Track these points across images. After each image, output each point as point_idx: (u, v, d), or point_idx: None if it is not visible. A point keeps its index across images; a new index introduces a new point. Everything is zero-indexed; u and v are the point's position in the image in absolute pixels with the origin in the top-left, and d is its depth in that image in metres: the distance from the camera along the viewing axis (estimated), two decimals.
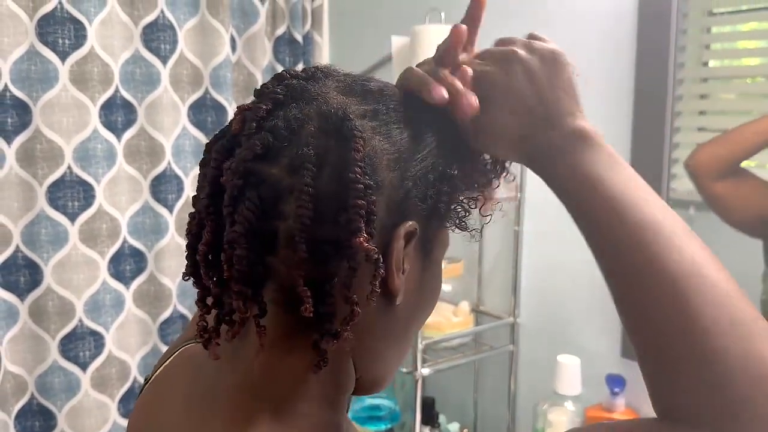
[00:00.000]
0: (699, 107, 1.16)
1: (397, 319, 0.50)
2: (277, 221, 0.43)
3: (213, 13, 1.53)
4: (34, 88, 1.32)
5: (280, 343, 0.46)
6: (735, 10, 1.11)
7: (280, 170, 0.43)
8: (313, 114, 0.45)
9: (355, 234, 0.42)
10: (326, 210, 0.43)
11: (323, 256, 0.43)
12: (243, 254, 0.43)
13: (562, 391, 1.25)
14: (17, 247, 1.34)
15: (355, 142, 0.43)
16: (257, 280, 0.44)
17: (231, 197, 0.43)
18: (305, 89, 0.46)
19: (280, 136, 0.44)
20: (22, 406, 1.38)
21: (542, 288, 1.40)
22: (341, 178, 0.43)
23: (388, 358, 0.52)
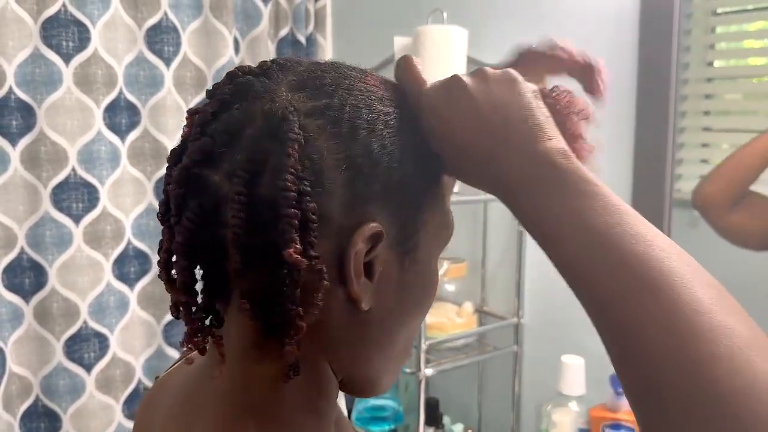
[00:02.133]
0: (704, 107, 1.16)
1: (374, 324, 0.47)
2: (221, 230, 0.42)
3: (216, 15, 1.54)
4: (38, 90, 1.32)
5: (252, 352, 0.45)
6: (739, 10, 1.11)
7: (221, 177, 0.42)
8: (256, 114, 0.42)
9: (287, 245, 0.40)
10: (263, 218, 0.41)
11: (264, 265, 0.41)
12: (184, 265, 0.42)
13: (566, 392, 1.25)
14: (22, 249, 1.34)
15: (289, 146, 0.40)
16: (212, 289, 0.44)
17: (175, 206, 0.43)
18: (251, 87, 0.44)
19: (220, 141, 0.42)
20: (27, 408, 1.38)
21: (546, 288, 1.40)
22: (275, 185, 0.40)
23: (375, 362, 0.49)
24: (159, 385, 0.56)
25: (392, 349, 0.50)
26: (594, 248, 0.40)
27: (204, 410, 0.46)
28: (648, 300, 0.38)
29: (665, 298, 0.38)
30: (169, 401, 0.51)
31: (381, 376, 0.51)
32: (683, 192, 1.17)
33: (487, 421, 1.55)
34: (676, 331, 0.37)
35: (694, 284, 0.39)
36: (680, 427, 0.36)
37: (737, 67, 1.14)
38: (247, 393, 0.45)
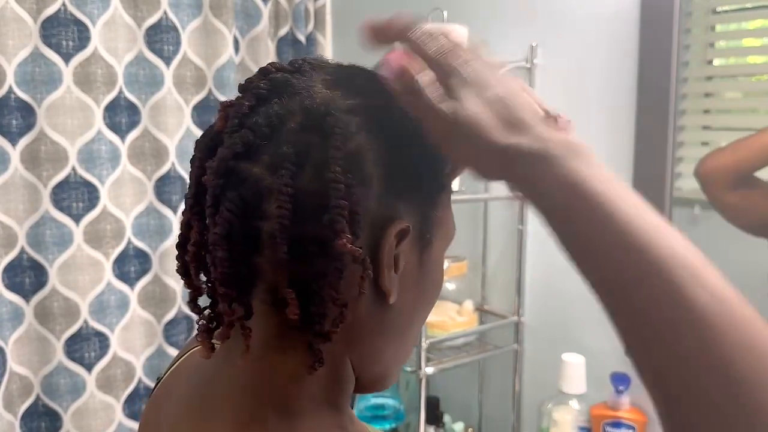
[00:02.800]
0: (704, 106, 1.16)
1: (394, 318, 0.48)
2: (259, 221, 0.42)
3: (216, 15, 1.54)
4: (38, 89, 1.32)
5: (274, 343, 0.46)
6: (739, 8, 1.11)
7: (261, 169, 0.42)
8: (296, 109, 0.43)
9: (338, 235, 0.41)
10: (308, 209, 0.42)
11: (307, 256, 0.42)
12: (224, 256, 0.42)
13: (567, 390, 1.25)
14: (22, 248, 1.35)
15: (335, 139, 0.42)
16: (243, 281, 0.44)
17: (212, 197, 0.43)
18: (289, 83, 0.45)
19: (260, 134, 0.43)
20: (28, 407, 1.38)
21: (546, 287, 1.40)
22: (323, 177, 0.41)
23: (388, 357, 0.51)
24: (166, 384, 0.56)
25: (404, 343, 0.51)
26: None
27: (222, 402, 0.47)
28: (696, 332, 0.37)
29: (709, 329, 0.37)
30: (182, 395, 0.51)
31: (391, 371, 0.52)
32: (683, 190, 1.17)
33: (487, 420, 1.55)
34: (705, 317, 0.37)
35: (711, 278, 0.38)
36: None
37: (737, 66, 1.14)
38: (268, 385, 0.46)
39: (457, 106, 0.42)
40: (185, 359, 0.57)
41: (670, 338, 0.37)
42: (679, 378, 0.37)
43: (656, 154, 1.18)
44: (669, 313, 0.37)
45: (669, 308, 0.37)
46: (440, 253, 0.51)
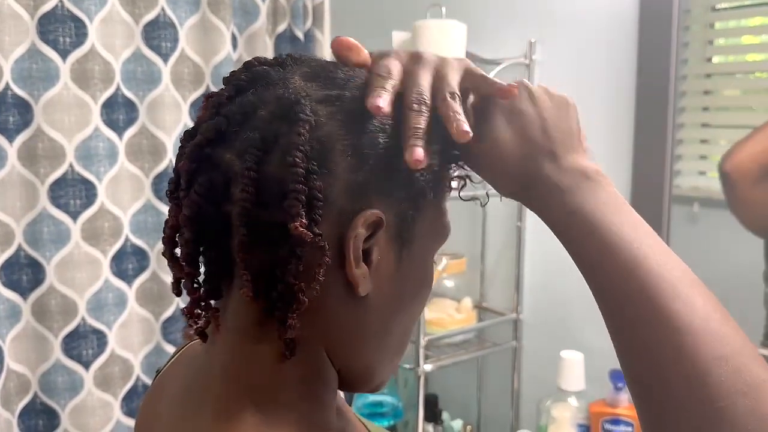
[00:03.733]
0: (703, 103, 1.16)
1: (370, 314, 0.48)
2: (227, 206, 0.44)
3: (214, 11, 1.53)
4: (35, 86, 1.31)
5: (251, 331, 0.46)
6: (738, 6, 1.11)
7: (232, 155, 0.44)
8: (269, 98, 0.44)
9: (293, 219, 0.42)
10: (271, 195, 0.43)
11: (268, 241, 0.43)
12: (189, 237, 0.44)
13: (566, 387, 1.25)
14: (19, 245, 1.34)
15: (299, 126, 0.42)
16: (213, 264, 0.46)
17: (185, 181, 0.45)
18: (268, 75, 0.46)
19: (233, 121, 0.44)
20: (26, 405, 1.38)
21: (545, 284, 1.40)
22: (284, 164, 0.42)
23: (368, 355, 0.50)
24: (163, 376, 0.57)
25: (387, 341, 0.51)
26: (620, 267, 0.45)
27: (203, 393, 0.47)
28: (655, 303, 0.43)
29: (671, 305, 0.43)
30: (174, 388, 0.52)
31: (376, 369, 0.52)
32: (682, 188, 1.17)
33: (486, 417, 1.55)
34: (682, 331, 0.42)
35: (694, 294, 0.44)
36: (677, 423, 0.41)
37: (736, 63, 1.13)
38: (246, 372, 0.46)
39: (491, 127, 0.49)
40: (185, 350, 0.57)
41: (651, 349, 0.43)
42: (658, 384, 0.42)
43: (655, 151, 1.18)
44: (651, 327, 0.43)
45: (651, 323, 0.43)
46: (426, 254, 0.51)
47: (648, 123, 1.19)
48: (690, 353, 0.41)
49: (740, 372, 0.40)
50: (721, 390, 0.40)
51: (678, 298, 0.42)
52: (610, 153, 1.24)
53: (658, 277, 0.43)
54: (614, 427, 1.21)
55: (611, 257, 0.45)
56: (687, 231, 1.16)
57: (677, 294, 0.43)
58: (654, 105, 1.18)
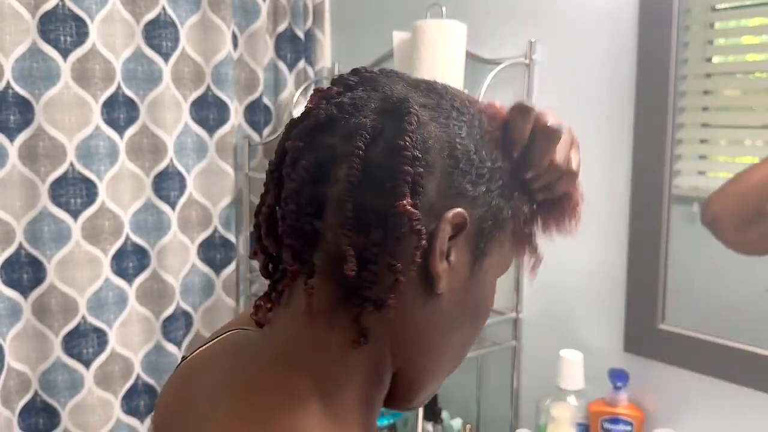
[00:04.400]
0: (702, 103, 1.16)
1: (438, 314, 0.49)
2: (328, 187, 0.46)
3: (214, 10, 1.53)
4: (36, 85, 1.32)
5: (322, 316, 0.47)
6: (738, 6, 1.11)
7: (338, 139, 0.46)
8: (376, 97, 0.48)
9: (399, 198, 0.44)
10: (375, 177, 0.45)
11: (368, 223, 0.45)
12: (293, 209, 0.46)
13: (565, 386, 1.25)
14: (20, 244, 1.34)
15: (409, 117, 0.46)
16: (306, 239, 0.46)
17: (291, 158, 0.47)
18: (375, 79, 0.50)
19: (343, 110, 0.47)
20: (26, 403, 1.38)
21: (545, 283, 1.40)
22: (393, 150, 0.45)
23: (426, 359, 0.51)
24: (194, 360, 0.56)
25: (444, 352, 0.52)
26: None
27: (263, 376, 0.47)
28: None
29: None
30: (214, 373, 0.52)
31: (426, 381, 0.53)
32: (682, 188, 1.17)
33: (485, 416, 1.55)
34: None
35: None
36: None
37: (736, 63, 1.14)
38: (312, 360, 0.47)
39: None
40: (225, 337, 0.57)
41: None
42: None
43: (655, 151, 1.18)
44: None
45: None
46: (492, 275, 0.53)
47: (647, 123, 1.19)
48: None
49: None
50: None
51: None
52: (610, 152, 1.24)
53: None
54: (613, 426, 1.21)
55: None
56: (686, 231, 1.16)
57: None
58: (654, 105, 1.18)
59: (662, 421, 1.21)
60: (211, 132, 1.57)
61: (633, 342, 1.24)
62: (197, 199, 1.57)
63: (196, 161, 1.55)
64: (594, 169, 1.27)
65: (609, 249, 1.26)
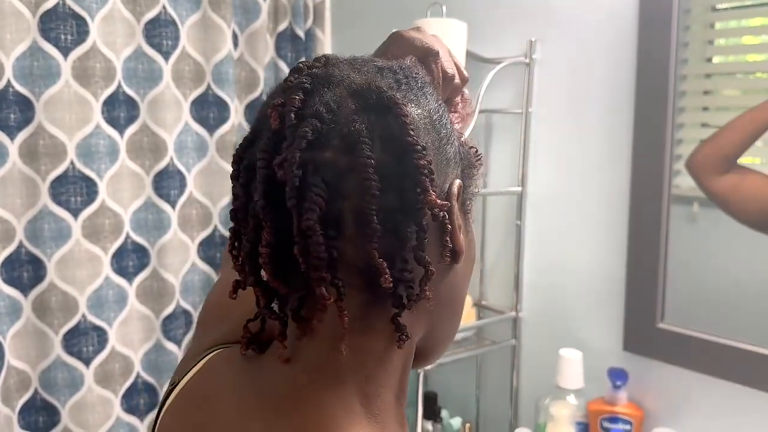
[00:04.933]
0: (702, 103, 1.16)
1: (457, 280, 0.51)
2: (340, 203, 0.43)
3: (215, 9, 1.53)
4: (36, 84, 1.32)
5: (357, 326, 0.46)
6: (739, 6, 1.11)
7: (334, 152, 0.43)
8: (345, 95, 0.45)
9: (426, 193, 0.43)
10: (392, 180, 0.43)
11: (393, 225, 0.44)
12: (320, 240, 0.42)
13: (565, 385, 1.25)
14: (20, 242, 1.34)
15: (399, 109, 0.44)
16: (334, 269, 0.44)
17: (294, 189, 0.42)
18: (329, 74, 0.46)
19: (324, 120, 0.44)
20: (26, 402, 1.38)
21: (544, 282, 1.40)
22: (395, 146, 0.44)
23: (448, 324, 0.54)
24: (193, 392, 0.54)
25: (458, 313, 0.54)
26: None
27: (300, 395, 0.46)
28: None
29: None
30: (229, 397, 0.50)
31: (447, 339, 0.55)
32: (682, 188, 1.17)
33: (485, 415, 1.55)
34: None
35: None
36: None
37: (736, 63, 1.14)
38: (350, 370, 0.46)
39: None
40: (211, 365, 0.54)
41: None
42: None
43: (655, 151, 1.18)
44: None
45: None
46: (470, 222, 0.54)
47: (647, 122, 1.19)
48: None
49: None
50: None
51: None
52: (610, 152, 1.24)
53: None
54: (612, 425, 1.21)
55: None
56: (686, 231, 1.16)
57: None
58: (653, 104, 1.18)
59: (661, 420, 1.22)
60: (211, 131, 1.57)
61: (632, 341, 1.24)
62: (197, 198, 1.57)
63: (196, 160, 1.56)
64: (594, 168, 1.27)
65: (609, 248, 1.26)
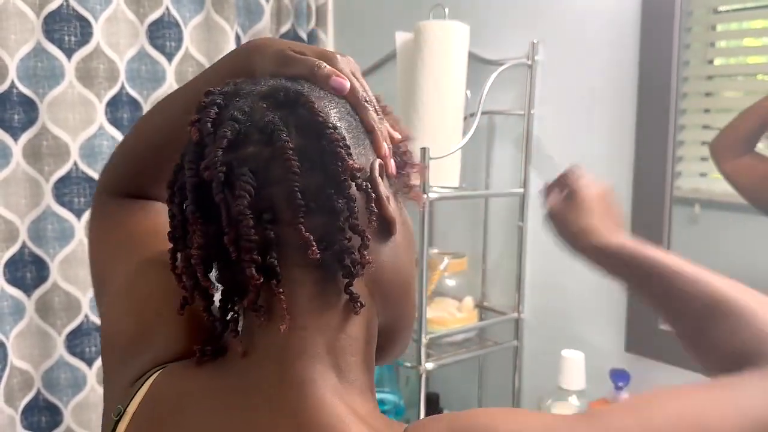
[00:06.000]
0: (704, 105, 1.16)
1: (399, 255, 0.54)
2: (271, 188, 0.46)
3: (218, 11, 1.54)
4: (40, 84, 1.32)
5: (314, 305, 0.49)
6: (740, 8, 1.11)
7: (256, 145, 0.47)
8: (256, 99, 0.49)
9: (344, 162, 0.47)
10: (312, 158, 0.47)
11: (322, 201, 0.47)
12: (250, 224, 0.46)
13: (567, 386, 1.25)
14: (24, 243, 1.35)
15: (306, 98, 0.48)
16: (266, 250, 0.47)
17: (220, 184, 0.46)
18: (237, 89, 0.50)
19: (240, 120, 0.47)
20: (29, 402, 1.38)
21: (546, 283, 1.41)
22: (309, 129, 0.47)
23: (404, 303, 0.55)
24: (144, 412, 0.53)
25: (411, 288, 0.57)
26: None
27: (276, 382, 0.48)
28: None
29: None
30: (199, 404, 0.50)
31: (406, 326, 0.57)
32: (683, 190, 1.17)
33: None
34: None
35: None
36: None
37: (738, 65, 1.14)
38: (322, 346, 0.48)
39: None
40: (160, 382, 0.54)
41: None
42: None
43: (656, 152, 1.18)
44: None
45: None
46: (405, 212, 0.57)
47: (649, 124, 1.19)
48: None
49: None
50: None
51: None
52: (612, 154, 1.25)
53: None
54: None
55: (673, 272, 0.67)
56: (688, 233, 1.17)
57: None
58: (655, 106, 1.18)
59: None
60: None
61: (634, 342, 1.24)
62: None
63: None
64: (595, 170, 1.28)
65: None
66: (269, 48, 0.56)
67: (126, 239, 0.65)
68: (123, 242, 0.65)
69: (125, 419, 0.54)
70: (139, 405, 0.54)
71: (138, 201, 0.68)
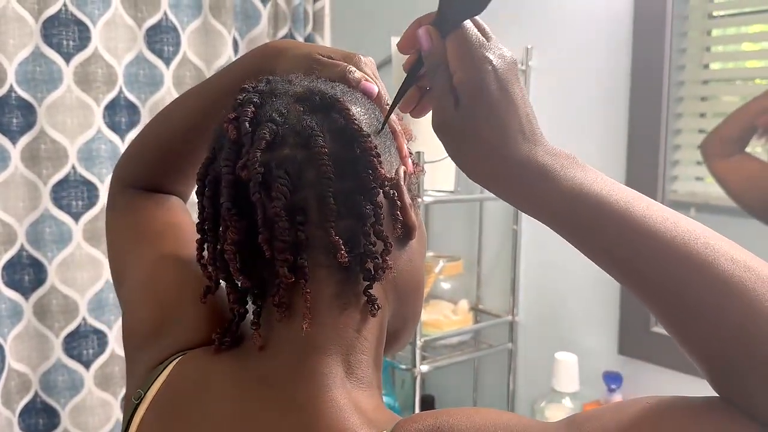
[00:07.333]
0: (700, 109, 1.17)
1: (414, 259, 0.55)
2: (304, 191, 0.48)
3: (216, 15, 1.55)
4: (39, 88, 1.33)
5: (335, 303, 0.50)
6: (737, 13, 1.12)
7: (292, 148, 0.48)
8: (292, 101, 0.50)
9: (376, 171, 0.48)
10: (342, 166, 0.48)
11: (351, 206, 0.49)
12: (285, 225, 0.47)
13: (560, 389, 1.26)
14: (22, 246, 1.35)
15: (341, 104, 0.49)
16: (297, 251, 0.48)
17: (257, 184, 0.47)
18: (272, 88, 0.51)
19: (277, 122, 0.48)
20: (26, 404, 1.39)
21: (541, 286, 1.41)
22: (343, 136, 0.49)
23: (412, 303, 0.57)
24: (165, 398, 0.55)
25: (420, 292, 0.58)
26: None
27: (291, 374, 0.50)
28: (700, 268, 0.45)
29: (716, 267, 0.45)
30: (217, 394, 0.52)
31: (414, 320, 0.59)
32: (679, 193, 1.18)
33: None
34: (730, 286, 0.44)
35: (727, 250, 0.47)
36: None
37: (733, 70, 1.15)
38: (337, 345, 0.50)
39: (469, 112, 0.47)
40: (181, 368, 0.56)
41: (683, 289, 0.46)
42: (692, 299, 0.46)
43: (649, 157, 1.19)
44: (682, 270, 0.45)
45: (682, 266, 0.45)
46: (419, 215, 0.57)
47: (641, 128, 1.20)
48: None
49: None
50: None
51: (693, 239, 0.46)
52: (605, 158, 1.26)
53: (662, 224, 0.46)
54: None
55: (628, 224, 0.46)
56: None
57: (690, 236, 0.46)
58: (648, 111, 1.19)
59: None
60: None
61: (627, 345, 1.25)
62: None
63: None
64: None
65: None
66: (295, 50, 0.57)
67: (146, 231, 0.67)
68: (143, 234, 0.67)
69: (144, 403, 0.56)
70: (159, 390, 0.56)
71: (154, 195, 0.70)
